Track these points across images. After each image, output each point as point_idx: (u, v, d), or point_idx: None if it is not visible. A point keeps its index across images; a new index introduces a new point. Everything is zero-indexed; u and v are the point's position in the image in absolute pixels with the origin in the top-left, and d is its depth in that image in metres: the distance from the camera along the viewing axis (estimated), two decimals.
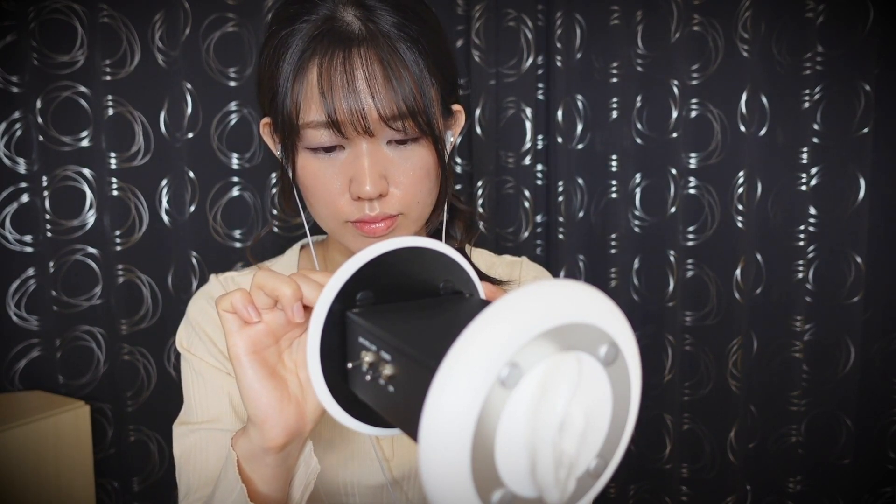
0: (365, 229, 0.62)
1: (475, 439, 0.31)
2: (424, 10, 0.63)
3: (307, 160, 0.62)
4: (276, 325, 0.50)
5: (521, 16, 1.41)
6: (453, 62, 0.66)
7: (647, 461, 1.53)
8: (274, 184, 1.36)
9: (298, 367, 0.52)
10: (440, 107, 0.63)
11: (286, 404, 0.51)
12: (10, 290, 1.27)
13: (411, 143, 0.61)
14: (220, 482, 0.55)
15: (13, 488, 1.14)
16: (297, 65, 0.58)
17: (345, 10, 0.59)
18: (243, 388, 0.50)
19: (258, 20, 1.31)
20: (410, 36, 0.59)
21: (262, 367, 0.50)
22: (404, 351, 0.38)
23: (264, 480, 0.54)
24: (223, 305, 0.49)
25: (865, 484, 1.52)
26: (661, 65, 1.40)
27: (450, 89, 0.65)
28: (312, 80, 0.58)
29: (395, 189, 0.62)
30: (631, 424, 0.37)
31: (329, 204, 0.62)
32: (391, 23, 0.59)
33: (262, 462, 0.53)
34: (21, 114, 1.24)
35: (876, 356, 1.49)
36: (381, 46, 0.58)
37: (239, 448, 0.54)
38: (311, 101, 0.58)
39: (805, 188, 1.42)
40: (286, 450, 0.52)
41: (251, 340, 0.49)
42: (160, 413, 1.35)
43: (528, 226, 1.48)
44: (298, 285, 0.47)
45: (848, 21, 1.36)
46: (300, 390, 0.52)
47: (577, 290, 0.34)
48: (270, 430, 0.50)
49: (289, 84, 0.59)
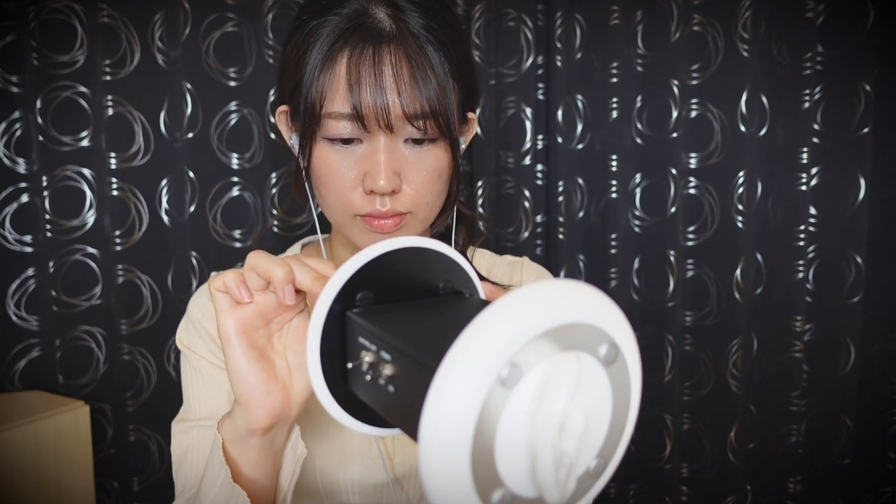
0: (373, 224, 0.63)
1: (475, 439, 0.31)
2: (452, 17, 0.65)
3: (324, 150, 0.63)
4: (268, 306, 0.51)
5: (521, 16, 1.41)
6: (474, 71, 0.68)
7: (647, 461, 1.53)
8: (274, 183, 1.36)
9: (287, 350, 0.53)
10: (459, 111, 0.64)
11: (273, 386, 0.51)
12: (10, 290, 1.27)
13: (428, 144, 0.63)
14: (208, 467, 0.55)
15: (13, 488, 1.14)
16: (326, 55, 0.60)
17: (377, 7, 0.61)
18: (231, 367, 0.51)
19: (258, 20, 1.31)
20: (438, 39, 0.61)
21: (250, 348, 0.50)
22: (404, 351, 0.38)
23: (250, 464, 0.54)
24: (215, 285, 0.50)
25: (865, 484, 1.52)
26: (661, 65, 1.40)
27: (469, 96, 0.67)
28: (340, 72, 0.59)
29: (408, 187, 0.63)
30: (631, 424, 0.37)
31: (341, 196, 0.63)
32: (421, 24, 0.60)
33: (248, 444, 0.53)
34: (21, 114, 1.24)
35: (876, 356, 1.49)
36: (410, 46, 0.59)
37: (224, 430, 0.54)
38: (337, 92, 0.59)
39: (805, 188, 1.42)
40: (271, 433, 0.53)
41: (241, 321, 0.50)
42: (160, 413, 1.35)
43: (528, 226, 1.48)
44: (291, 268, 0.48)
45: (848, 21, 1.36)
46: (287, 373, 0.52)
47: (578, 290, 0.34)
48: (255, 411, 0.51)
49: (316, 73, 0.60)
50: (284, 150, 1.35)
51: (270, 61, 1.32)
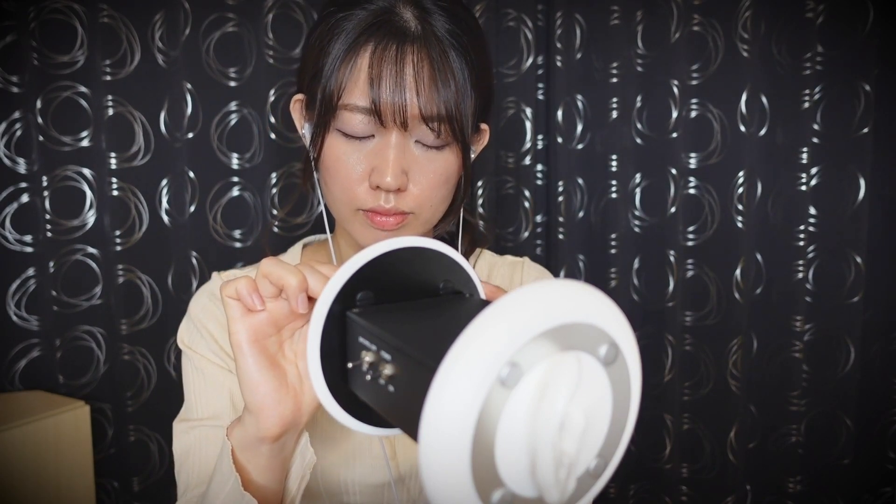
0: (375, 220, 0.64)
1: (475, 439, 0.31)
2: (477, 26, 0.65)
3: (335, 141, 0.63)
4: (280, 314, 0.50)
5: (521, 16, 1.41)
6: (492, 82, 0.69)
7: (647, 461, 1.53)
8: (274, 183, 1.36)
9: (298, 357, 0.52)
10: (473, 120, 0.65)
11: (284, 394, 0.51)
12: (10, 290, 1.27)
13: (439, 148, 0.63)
14: (216, 473, 0.55)
15: (13, 488, 1.14)
16: (350, 48, 0.60)
17: (404, 7, 0.61)
18: (242, 375, 0.50)
19: (258, 20, 1.31)
20: (462, 45, 0.62)
21: (262, 356, 0.50)
22: (404, 351, 0.38)
23: (259, 470, 0.54)
24: (228, 291, 0.50)
25: (865, 484, 1.52)
26: (661, 65, 1.40)
27: (484, 106, 0.67)
28: (362, 66, 0.60)
29: (414, 187, 0.63)
30: (631, 424, 0.37)
31: (347, 188, 0.63)
32: (446, 29, 0.61)
33: (257, 452, 0.53)
34: (21, 114, 1.24)
35: (876, 356, 1.49)
36: (434, 48, 0.60)
37: (234, 437, 0.54)
38: (356, 85, 0.60)
39: (805, 188, 1.42)
40: (281, 440, 0.53)
41: (253, 328, 0.50)
42: (160, 413, 1.35)
43: (528, 226, 1.48)
44: (304, 276, 0.47)
45: (848, 21, 1.36)
46: (298, 381, 0.52)
47: (577, 290, 0.34)
48: (266, 420, 0.50)
49: (337, 63, 0.60)
50: (284, 150, 1.35)
51: (270, 61, 1.32)
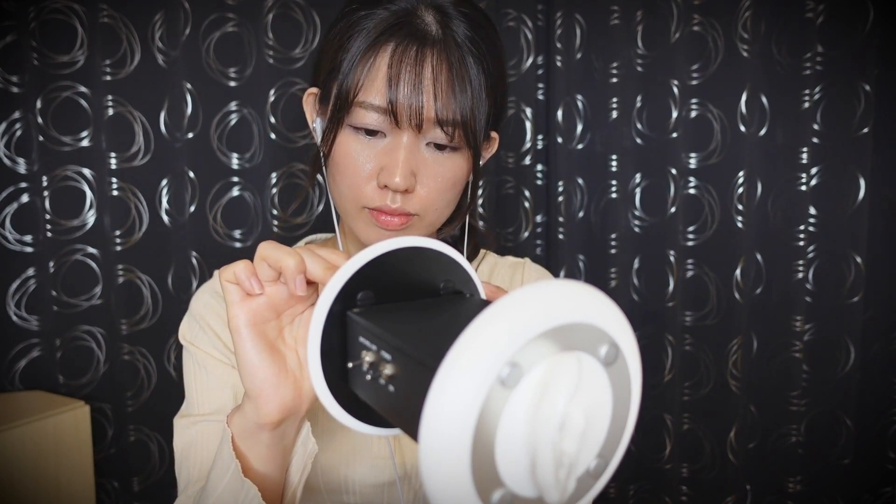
0: (380, 219, 0.64)
1: (475, 439, 0.31)
2: (495, 36, 0.66)
3: (347, 137, 0.63)
4: (279, 298, 0.50)
5: (521, 16, 1.41)
6: (506, 92, 0.69)
7: (647, 461, 1.53)
8: (274, 183, 1.36)
9: (298, 343, 0.52)
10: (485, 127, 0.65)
11: (283, 379, 0.50)
12: (10, 290, 1.27)
13: (449, 151, 0.63)
14: (216, 461, 0.54)
15: (13, 488, 1.14)
16: (370, 46, 0.61)
17: (426, 10, 0.62)
18: (241, 360, 0.50)
19: (258, 20, 1.31)
20: (480, 53, 0.62)
21: (261, 341, 0.50)
22: (405, 351, 0.38)
23: (260, 459, 0.53)
24: (226, 275, 0.49)
25: (865, 484, 1.52)
26: (661, 65, 1.41)
27: (497, 115, 0.68)
28: (380, 65, 0.60)
29: (421, 189, 0.63)
30: (631, 424, 0.37)
31: (354, 185, 0.64)
32: (466, 35, 0.62)
33: (257, 439, 0.52)
34: (21, 114, 1.24)
35: (876, 356, 1.49)
36: (453, 53, 0.61)
37: (234, 425, 0.53)
38: (374, 84, 0.60)
39: (805, 188, 1.42)
40: (281, 427, 0.52)
41: (252, 312, 0.49)
42: (160, 413, 1.35)
43: (528, 226, 1.48)
44: (302, 258, 0.47)
45: (848, 21, 1.36)
46: (298, 367, 0.52)
47: (578, 290, 0.34)
48: (266, 405, 0.50)
49: (356, 60, 0.61)
50: (284, 150, 1.35)
51: (270, 61, 1.32)
